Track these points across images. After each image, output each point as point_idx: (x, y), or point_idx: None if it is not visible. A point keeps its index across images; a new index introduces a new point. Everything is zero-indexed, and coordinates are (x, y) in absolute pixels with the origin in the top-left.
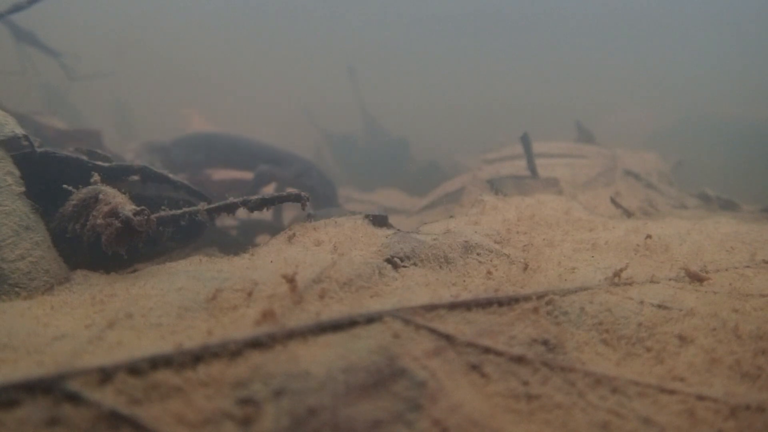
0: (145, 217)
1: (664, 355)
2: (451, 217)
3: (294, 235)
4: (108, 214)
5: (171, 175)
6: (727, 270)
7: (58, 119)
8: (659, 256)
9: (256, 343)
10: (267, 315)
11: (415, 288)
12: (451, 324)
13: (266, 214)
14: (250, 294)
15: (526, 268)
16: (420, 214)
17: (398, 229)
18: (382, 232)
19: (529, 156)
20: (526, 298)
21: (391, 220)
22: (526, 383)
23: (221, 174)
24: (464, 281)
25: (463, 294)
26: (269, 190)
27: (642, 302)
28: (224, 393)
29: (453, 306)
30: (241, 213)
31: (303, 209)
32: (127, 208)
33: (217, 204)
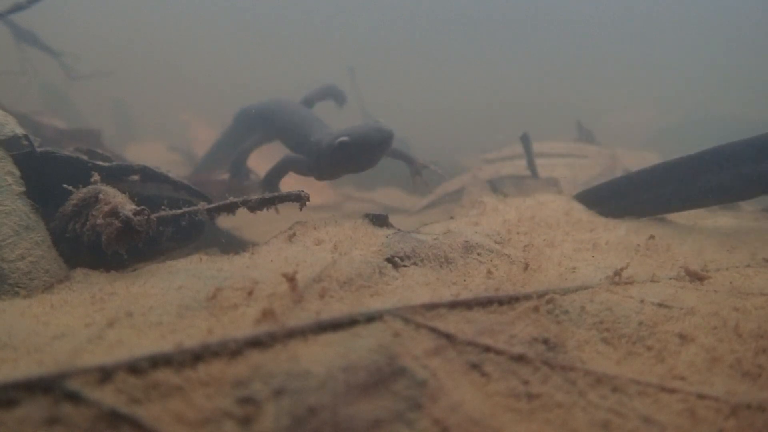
0: (145, 216)
1: (664, 353)
2: (452, 218)
3: (294, 234)
4: (108, 213)
5: (171, 175)
6: (727, 269)
7: (58, 119)
8: (660, 256)
9: (257, 342)
10: (267, 314)
11: (416, 287)
12: (451, 323)
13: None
14: (250, 293)
15: (526, 267)
16: (420, 213)
17: (398, 229)
18: (382, 232)
19: (529, 156)
20: (527, 297)
21: (392, 219)
22: (526, 382)
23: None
24: (465, 281)
25: (463, 293)
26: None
27: (643, 301)
28: (224, 392)
29: (453, 305)
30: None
31: (300, 210)
32: (127, 207)
33: (217, 204)
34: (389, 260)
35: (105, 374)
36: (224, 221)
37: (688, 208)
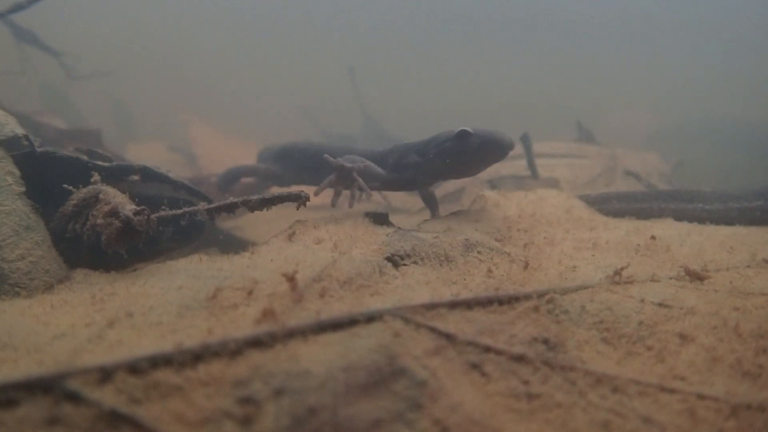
0: (145, 216)
1: (664, 353)
2: (452, 214)
3: (294, 233)
4: (108, 213)
5: (171, 175)
6: (727, 270)
7: (58, 119)
8: (660, 256)
9: (257, 342)
10: (267, 314)
11: (416, 286)
12: (451, 323)
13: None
14: (250, 293)
15: (526, 266)
16: (420, 213)
17: (399, 227)
18: (382, 230)
19: (530, 156)
20: (527, 297)
21: (392, 218)
22: (526, 382)
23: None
24: (465, 280)
25: (463, 293)
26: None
27: (643, 301)
28: (224, 392)
29: (453, 305)
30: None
31: (297, 209)
32: (128, 207)
33: (217, 204)
34: (389, 259)
35: (105, 374)
36: (224, 221)
37: None
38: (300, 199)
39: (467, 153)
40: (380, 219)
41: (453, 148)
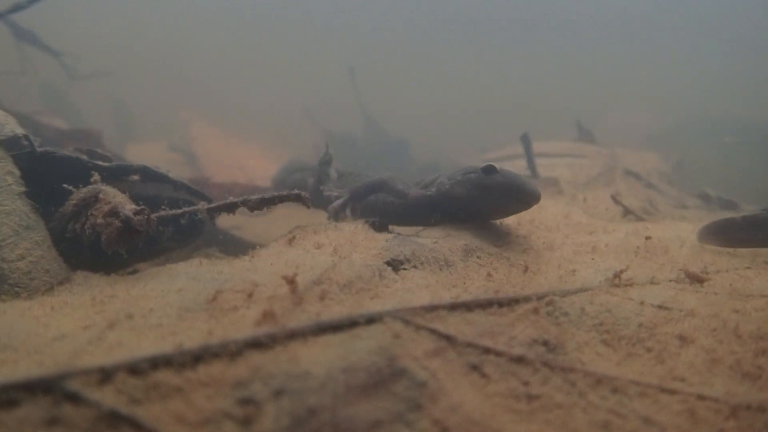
0: (145, 216)
1: (664, 355)
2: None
3: (294, 238)
4: (108, 213)
5: (171, 175)
6: (727, 271)
7: (59, 119)
8: (659, 258)
9: (257, 344)
10: (267, 315)
11: (416, 289)
12: (451, 324)
13: None
14: (250, 295)
15: (526, 270)
16: None
17: (398, 233)
18: (382, 236)
19: (529, 155)
20: (527, 299)
21: (391, 225)
22: (526, 383)
23: (221, 177)
24: (464, 283)
25: (463, 295)
26: None
27: (642, 303)
28: (224, 393)
29: (453, 307)
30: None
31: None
32: (128, 207)
33: (217, 203)
34: (389, 263)
35: (105, 375)
36: (224, 221)
37: None
38: (300, 200)
39: (488, 189)
40: (380, 226)
41: (476, 180)
